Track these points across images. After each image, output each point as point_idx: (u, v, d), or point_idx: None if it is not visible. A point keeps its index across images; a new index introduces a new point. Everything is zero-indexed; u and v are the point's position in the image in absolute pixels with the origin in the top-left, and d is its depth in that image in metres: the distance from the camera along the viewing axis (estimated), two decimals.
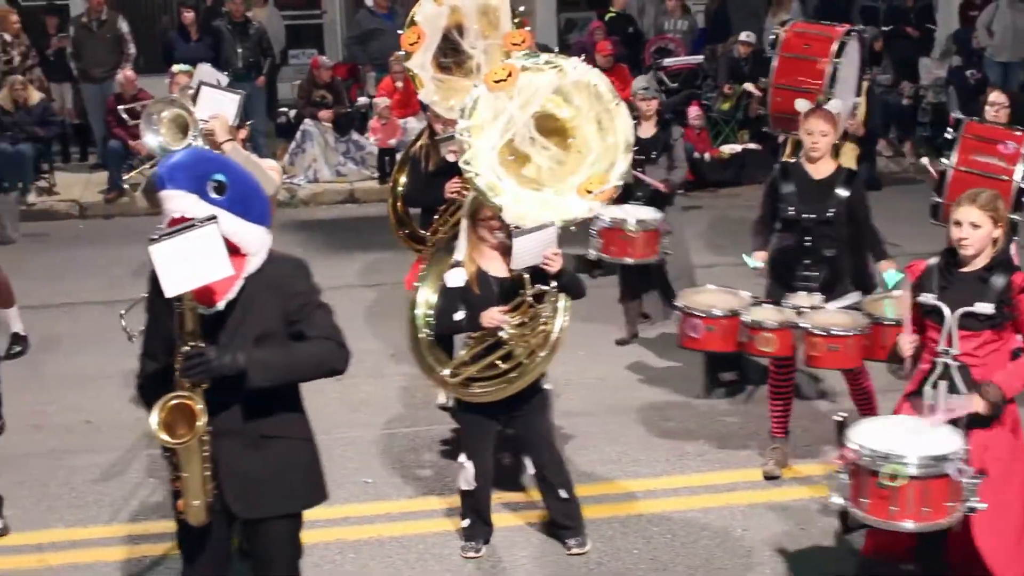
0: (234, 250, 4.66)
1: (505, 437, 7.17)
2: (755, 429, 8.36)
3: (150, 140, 7.29)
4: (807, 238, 7.52)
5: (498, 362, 6.58)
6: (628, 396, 9.09)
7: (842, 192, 7.53)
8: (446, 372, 6.78)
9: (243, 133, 7.47)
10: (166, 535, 6.57)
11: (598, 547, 6.92)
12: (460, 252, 6.71)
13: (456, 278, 6.62)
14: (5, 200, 14.25)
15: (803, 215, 7.51)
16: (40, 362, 10.26)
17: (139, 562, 6.86)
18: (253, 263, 4.75)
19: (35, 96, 15.78)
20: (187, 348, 4.62)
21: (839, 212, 7.50)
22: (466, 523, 6.96)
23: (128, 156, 15.18)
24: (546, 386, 6.84)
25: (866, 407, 7.66)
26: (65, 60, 17.17)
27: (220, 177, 4.70)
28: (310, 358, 4.85)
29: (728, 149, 16.40)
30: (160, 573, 6.75)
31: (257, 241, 4.77)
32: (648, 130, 10.08)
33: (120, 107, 12.76)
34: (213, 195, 4.66)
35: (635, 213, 9.49)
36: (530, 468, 6.92)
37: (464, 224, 6.70)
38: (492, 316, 6.49)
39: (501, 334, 6.51)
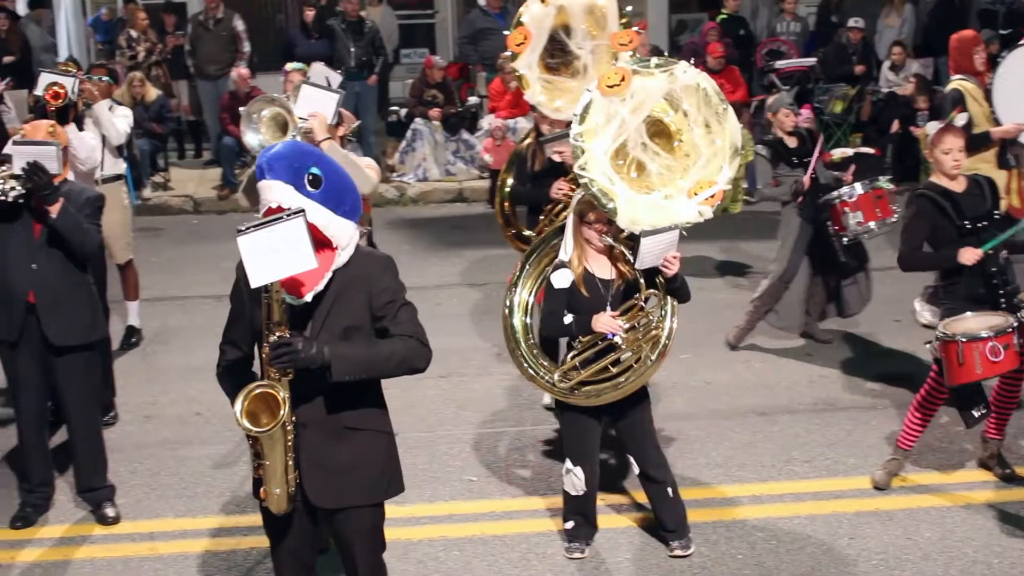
0: (324, 243, 4.74)
1: (608, 437, 7.17)
2: (863, 437, 8.27)
3: (250, 139, 7.38)
4: None
5: (609, 366, 6.58)
6: (734, 400, 9.04)
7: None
8: (555, 377, 6.77)
9: (341, 131, 7.52)
10: None
11: (702, 551, 6.88)
12: (565, 252, 6.70)
13: (563, 279, 6.61)
14: None
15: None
16: (153, 354, 10.47)
17: (247, 553, 6.96)
18: (342, 257, 4.82)
19: (152, 93, 16.06)
20: (275, 338, 4.69)
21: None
22: (569, 525, 6.95)
23: (241, 153, 15.39)
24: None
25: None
26: (182, 57, 17.48)
27: (316, 170, 4.78)
28: (393, 355, 4.88)
29: (839, 153, 16.11)
30: (266, 564, 6.83)
31: (347, 235, 4.84)
32: (791, 143, 9.99)
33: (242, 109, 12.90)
34: (308, 188, 4.74)
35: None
36: (635, 468, 6.89)
37: (570, 225, 6.69)
38: (605, 321, 6.48)
39: (614, 339, 6.51)
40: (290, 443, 4.83)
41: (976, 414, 7.22)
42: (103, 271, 9.22)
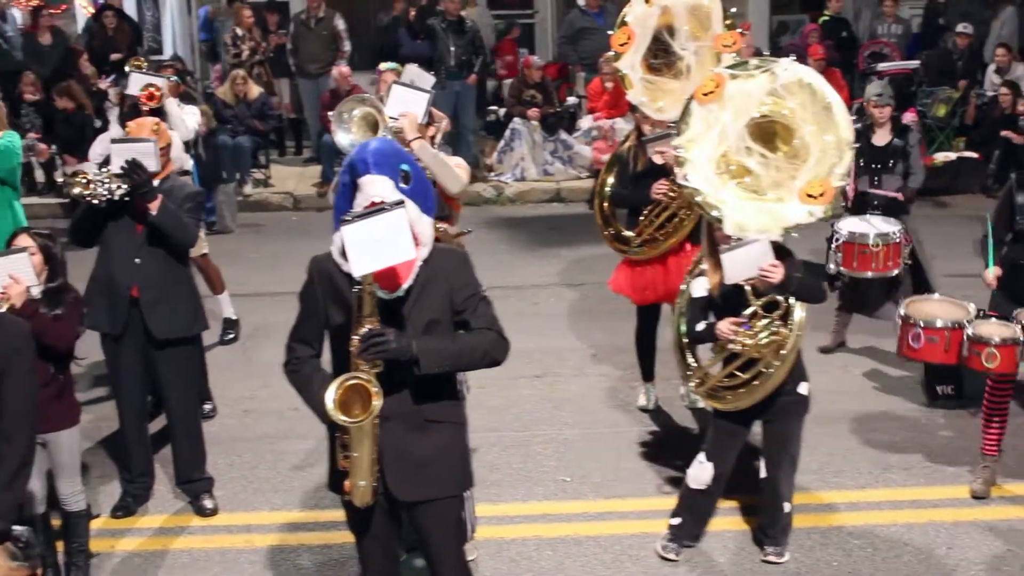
0: (413, 238, 4.79)
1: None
2: (964, 445, 8.14)
3: (341, 138, 7.44)
4: None
5: (736, 371, 6.55)
6: (831, 406, 8.91)
7: None
8: (692, 383, 6.86)
9: (431, 131, 7.56)
10: None
11: (796, 557, 6.83)
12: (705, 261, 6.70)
13: (700, 287, 6.62)
14: (225, 191, 14.68)
15: None
16: (252, 348, 10.59)
17: (340, 548, 7.00)
18: (423, 252, 4.89)
19: (255, 91, 16.23)
20: (366, 329, 4.74)
21: None
22: (676, 521, 6.90)
23: (341, 151, 15.48)
24: (802, 391, 6.69)
25: None
26: (283, 56, 17.66)
27: (406, 167, 4.92)
28: (476, 348, 4.96)
29: (942, 157, 15.92)
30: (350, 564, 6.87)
31: (428, 232, 4.93)
32: (883, 137, 9.81)
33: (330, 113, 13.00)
34: (401, 184, 4.85)
35: (875, 226, 9.36)
36: (762, 472, 6.81)
37: (703, 233, 6.66)
38: (724, 328, 6.45)
39: (732, 346, 6.47)
40: (377, 434, 4.88)
41: (940, 392, 8.74)
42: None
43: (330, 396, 4.73)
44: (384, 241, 4.60)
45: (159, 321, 7.28)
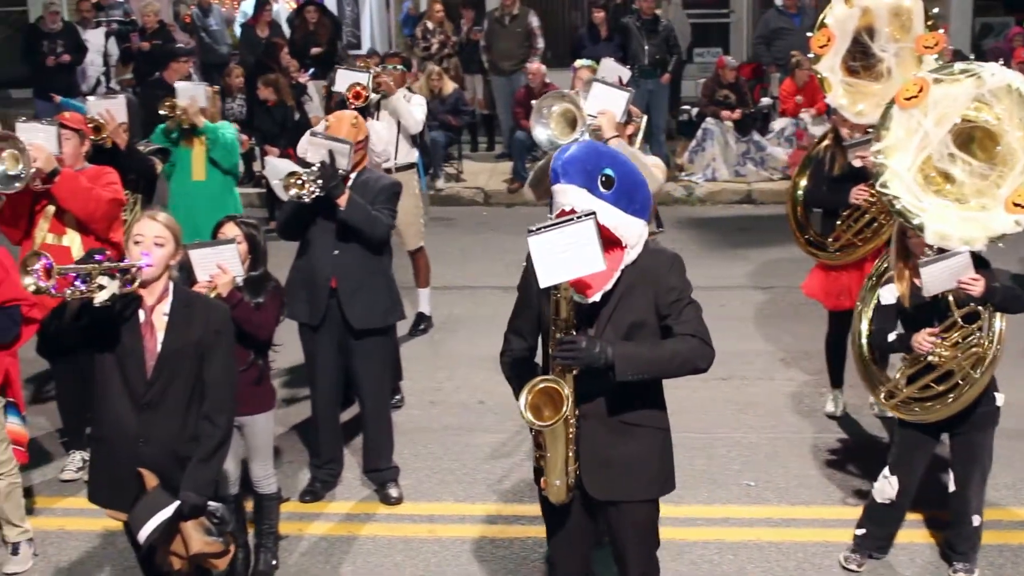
0: (615, 242, 4.78)
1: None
2: None
3: (539, 133, 7.45)
4: None
5: (932, 384, 6.43)
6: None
7: None
8: (881, 394, 6.73)
9: (630, 129, 7.53)
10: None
11: (986, 574, 6.65)
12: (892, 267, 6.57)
13: (890, 295, 6.49)
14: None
15: None
16: (441, 341, 10.71)
17: (523, 542, 7.05)
18: (631, 255, 4.84)
19: (449, 86, 16.44)
20: (560, 336, 4.75)
21: None
22: (861, 532, 6.78)
23: (533, 147, 15.58)
24: (996, 402, 6.52)
25: None
26: (474, 52, 17.85)
27: (609, 171, 4.82)
28: (676, 356, 4.87)
29: None
30: (539, 554, 6.91)
31: (636, 234, 4.85)
32: None
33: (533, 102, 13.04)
34: (601, 189, 4.78)
35: None
36: (951, 486, 6.64)
37: (893, 239, 6.53)
38: (921, 339, 6.31)
39: (931, 358, 6.34)
40: (571, 436, 4.89)
41: None
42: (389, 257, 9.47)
43: (522, 399, 4.76)
44: (571, 252, 4.55)
45: (356, 311, 7.42)
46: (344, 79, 9.71)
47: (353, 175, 7.33)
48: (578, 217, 4.59)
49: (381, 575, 6.88)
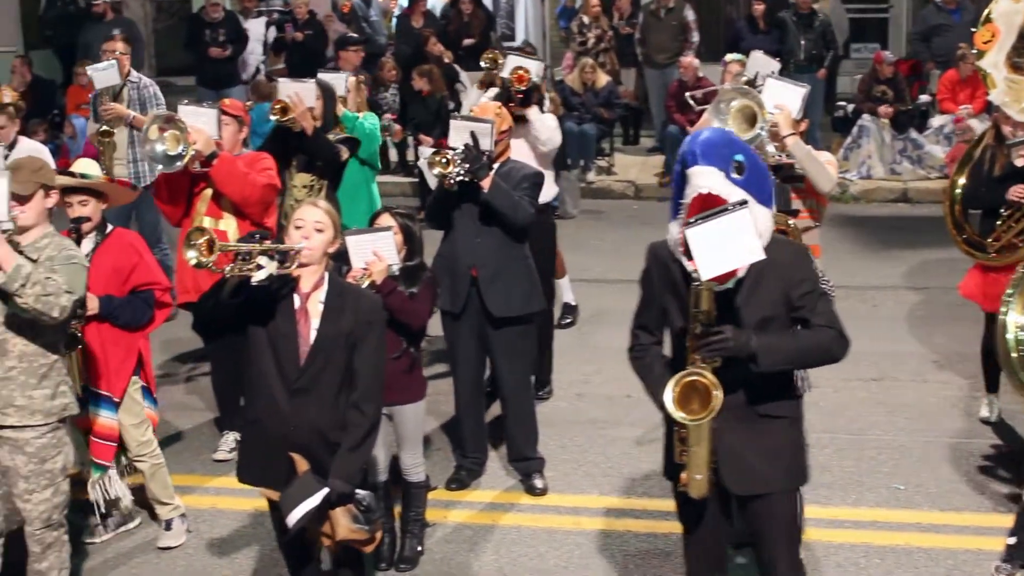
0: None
1: None
2: None
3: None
4: None
5: None
6: None
7: None
8: None
9: (804, 126, 7.45)
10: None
11: None
12: None
13: None
14: (568, 177, 14.90)
15: None
16: (588, 333, 10.72)
17: (667, 538, 7.01)
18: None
19: (602, 79, 16.42)
20: (702, 327, 4.72)
21: None
22: (1012, 540, 6.58)
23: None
24: None
25: None
26: (630, 45, 17.79)
27: (740, 158, 4.80)
28: (814, 346, 4.88)
29: None
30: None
31: (765, 223, 4.82)
32: None
33: (688, 94, 12.97)
34: (734, 175, 4.76)
35: None
36: None
37: None
38: None
39: None
40: (714, 428, 4.87)
41: None
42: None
43: (669, 393, 4.75)
44: (730, 243, 4.55)
45: (496, 299, 7.47)
46: (510, 64, 9.42)
47: (496, 165, 7.37)
48: (732, 206, 4.58)
49: (524, 565, 6.92)
